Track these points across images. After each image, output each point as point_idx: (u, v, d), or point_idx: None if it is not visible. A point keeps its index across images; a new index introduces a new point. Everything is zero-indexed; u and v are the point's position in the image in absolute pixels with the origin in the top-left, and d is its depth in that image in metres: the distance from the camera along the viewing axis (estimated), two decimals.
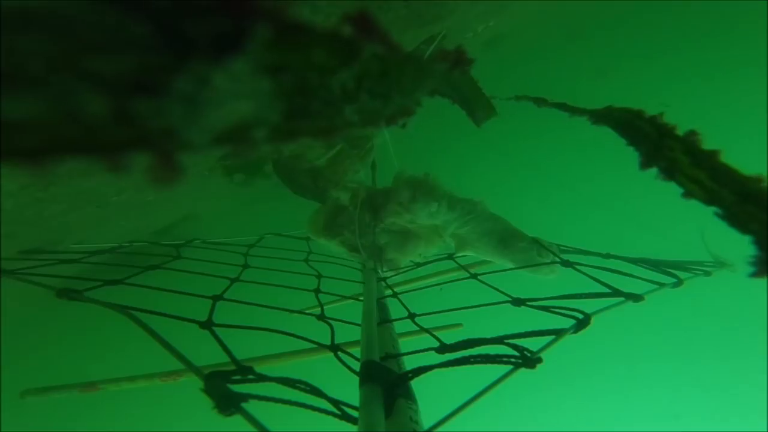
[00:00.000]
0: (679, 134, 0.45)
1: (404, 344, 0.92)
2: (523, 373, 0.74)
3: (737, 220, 0.36)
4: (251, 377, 0.69)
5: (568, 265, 1.33)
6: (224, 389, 0.62)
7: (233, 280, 1.23)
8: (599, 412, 5.50)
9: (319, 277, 1.48)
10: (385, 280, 1.52)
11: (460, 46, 0.41)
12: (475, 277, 1.35)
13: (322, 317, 1.10)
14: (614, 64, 4.22)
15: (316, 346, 0.98)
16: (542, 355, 0.77)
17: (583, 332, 0.89)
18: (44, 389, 1.34)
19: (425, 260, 1.79)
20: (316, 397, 0.65)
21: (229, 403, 0.59)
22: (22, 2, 0.16)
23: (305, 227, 1.96)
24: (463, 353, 0.74)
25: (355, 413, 0.62)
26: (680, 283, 1.20)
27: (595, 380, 5.37)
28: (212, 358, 0.87)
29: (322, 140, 0.27)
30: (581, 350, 4.70)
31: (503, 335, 0.80)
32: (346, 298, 1.49)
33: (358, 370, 0.72)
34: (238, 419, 0.58)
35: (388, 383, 0.67)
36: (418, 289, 1.49)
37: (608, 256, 1.40)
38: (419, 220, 1.69)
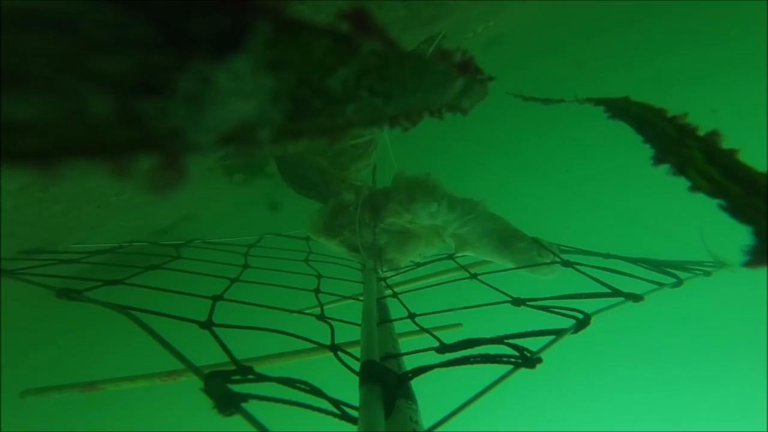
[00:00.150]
0: (699, 134, 0.45)
1: (404, 344, 0.91)
2: (523, 373, 0.74)
3: (740, 211, 0.36)
4: (251, 377, 0.69)
5: (568, 265, 1.33)
6: (224, 389, 0.62)
7: (233, 280, 1.22)
8: (599, 411, 5.50)
9: (319, 277, 1.48)
10: (385, 280, 1.52)
11: (466, 51, 0.40)
12: (475, 277, 1.35)
13: (322, 317, 1.10)
14: (614, 64, 4.22)
15: (316, 346, 0.98)
16: (542, 355, 0.77)
17: (583, 332, 0.89)
18: (44, 389, 1.34)
19: (425, 260, 1.79)
20: (316, 397, 0.65)
21: (229, 403, 0.59)
22: (22, 2, 0.16)
23: (305, 227, 1.96)
24: (463, 353, 0.74)
25: (355, 413, 0.62)
26: (680, 283, 1.20)
27: (594, 380, 5.37)
28: (212, 358, 0.87)
29: (325, 140, 0.26)
30: (581, 350, 4.70)
31: (503, 335, 0.80)
32: (346, 298, 1.49)
33: (358, 370, 0.72)
34: (238, 419, 0.58)
35: (388, 383, 0.67)
36: (418, 289, 1.49)
37: (608, 256, 1.40)
38: (419, 220, 1.69)
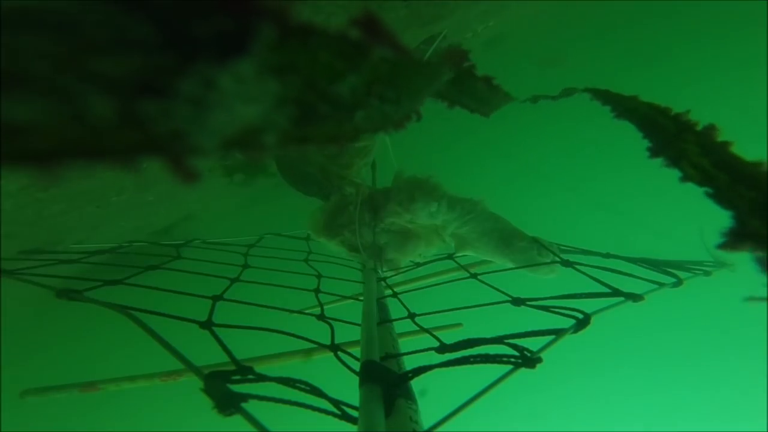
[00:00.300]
0: (697, 129, 0.45)
1: (404, 344, 0.91)
2: (523, 373, 0.74)
3: (725, 198, 0.37)
4: (251, 377, 0.69)
5: (568, 264, 1.33)
6: (224, 389, 0.62)
7: (233, 280, 1.22)
8: (599, 411, 5.50)
9: (319, 277, 1.48)
10: (385, 280, 1.52)
11: (457, 45, 0.40)
12: (475, 277, 1.35)
13: (322, 317, 1.10)
14: (614, 64, 4.22)
15: (316, 346, 0.98)
16: (542, 355, 0.77)
17: (583, 332, 0.89)
18: (44, 389, 1.34)
19: (425, 260, 1.79)
20: (316, 397, 0.65)
21: (229, 403, 0.59)
22: (23, 1, 0.15)
23: (305, 227, 1.96)
24: (463, 353, 0.74)
25: (355, 413, 0.62)
26: (680, 283, 1.20)
27: (594, 380, 5.37)
28: (212, 358, 0.87)
29: (332, 146, 0.26)
30: (581, 350, 4.70)
31: (503, 335, 0.79)
32: (346, 298, 1.49)
33: (358, 370, 0.72)
34: (238, 419, 0.58)
35: (387, 383, 0.67)
36: (418, 289, 1.48)
37: (608, 255, 1.40)
38: (419, 220, 1.69)
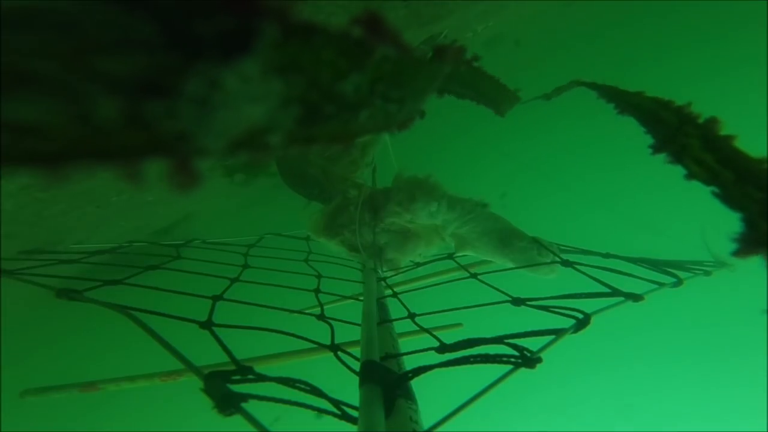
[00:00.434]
0: (698, 122, 0.45)
1: (404, 344, 0.91)
2: (523, 373, 0.74)
3: (733, 198, 0.36)
4: (251, 377, 0.69)
5: (568, 264, 1.33)
6: (224, 389, 0.62)
7: (233, 280, 1.22)
8: (599, 411, 5.50)
9: (319, 277, 1.48)
10: (385, 280, 1.52)
11: (455, 41, 0.40)
12: (475, 276, 1.35)
13: (322, 317, 1.10)
14: (614, 64, 4.22)
15: (316, 346, 0.98)
16: (542, 355, 0.77)
17: (583, 332, 0.89)
18: (44, 389, 1.34)
19: (425, 260, 1.79)
20: (316, 397, 0.65)
21: (229, 403, 0.59)
22: (23, 1, 0.15)
23: (305, 227, 1.96)
24: (463, 353, 0.74)
25: (355, 413, 0.62)
26: (680, 282, 1.20)
27: (594, 380, 5.37)
28: (212, 358, 0.87)
29: (337, 146, 0.26)
30: (581, 350, 4.71)
31: (503, 335, 0.79)
32: (346, 298, 1.49)
33: (358, 370, 0.72)
34: (238, 419, 0.58)
35: (388, 383, 0.67)
36: (418, 288, 1.48)
37: (608, 255, 1.40)
38: (419, 220, 1.69)
